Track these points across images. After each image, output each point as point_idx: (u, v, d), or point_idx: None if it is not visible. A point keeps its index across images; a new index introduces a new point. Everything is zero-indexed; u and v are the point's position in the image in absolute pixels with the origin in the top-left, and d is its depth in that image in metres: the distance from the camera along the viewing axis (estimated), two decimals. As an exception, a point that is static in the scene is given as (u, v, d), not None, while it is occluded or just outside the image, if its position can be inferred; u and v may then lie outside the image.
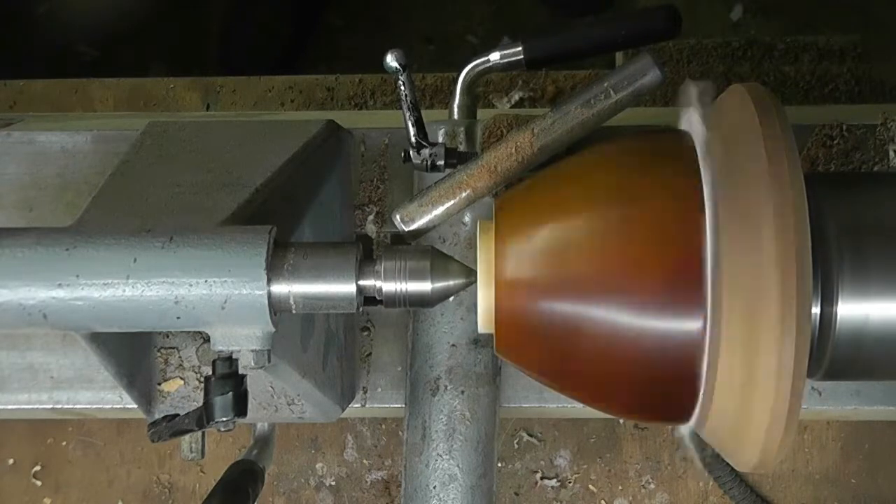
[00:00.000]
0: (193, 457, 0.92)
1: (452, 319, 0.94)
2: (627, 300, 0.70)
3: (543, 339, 0.74)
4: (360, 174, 1.04)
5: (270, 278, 0.68)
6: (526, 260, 0.74)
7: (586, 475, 1.19)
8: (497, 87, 1.31)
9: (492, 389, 0.95)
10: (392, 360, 1.04)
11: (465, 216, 0.93)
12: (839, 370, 0.76)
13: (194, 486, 1.22)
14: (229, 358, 0.72)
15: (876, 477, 1.17)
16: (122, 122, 1.13)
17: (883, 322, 0.72)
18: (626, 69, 0.80)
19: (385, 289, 0.71)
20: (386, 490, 1.20)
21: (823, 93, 1.28)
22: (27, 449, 1.23)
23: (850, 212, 0.75)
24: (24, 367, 1.03)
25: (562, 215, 0.74)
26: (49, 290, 0.67)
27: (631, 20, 0.91)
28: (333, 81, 1.33)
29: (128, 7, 1.98)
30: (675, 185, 0.72)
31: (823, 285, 0.72)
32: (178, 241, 0.68)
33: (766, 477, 1.17)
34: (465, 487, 0.93)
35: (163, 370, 0.88)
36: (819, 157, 1.00)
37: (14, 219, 1.04)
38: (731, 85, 0.76)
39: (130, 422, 1.21)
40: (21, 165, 1.05)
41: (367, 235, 1.03)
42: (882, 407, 1.01)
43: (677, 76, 1.29)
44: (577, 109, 0.80)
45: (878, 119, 1.00)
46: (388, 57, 0.83)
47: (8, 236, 0.69)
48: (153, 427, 0.81)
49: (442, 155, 0.87)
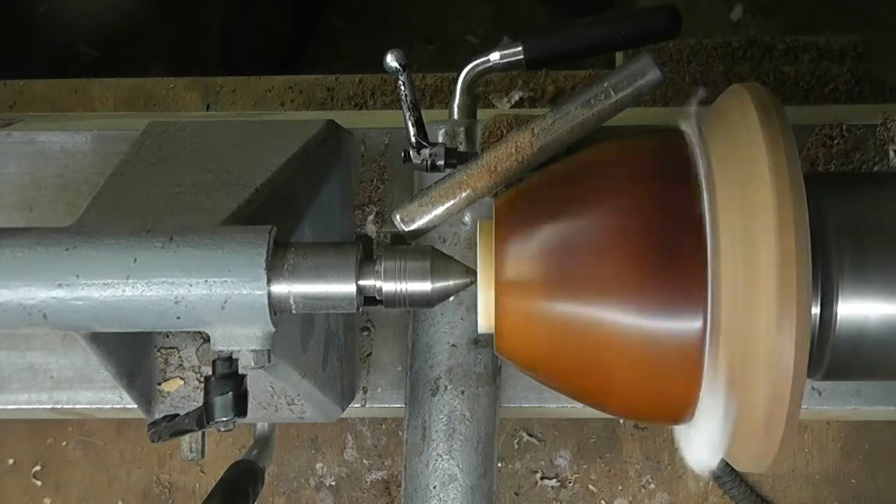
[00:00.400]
0: (193, 457, 0.92)
1: (452, 319, 0.94)
2: (627, 300, 0.70)
3: (543, 338, 0.74)
4: (360, 174, 1.04)
5: (270, 278, 0.68)
6: (526, 260, 0.74)
7: (586, 475, 1.19)
8: (497, 87, 1.31)
9: (492, 389, 0.95)
10: (392, 360, 1.04)
11: (465, 216, 0.93)
12: (839, 370, 0.76)
13: (194, 486, 1.22)
14: (229, 358, 0.72)
15: (876, 477, 1.17)
16: (122, 122, 1.13)
17: (883, 322, 0.72)
18: (626, 69, 0.80)
19: (385, 289, 0.71)
20: (386, 490, 1.20)
21: (823, 93, 1.28)
22: (27, 449, 1.23)
23: (850, 212, 0.75)
24: (24, 367, 1.03)
25: (562, 215, 0.74)
26: (49, 290, 0.67)
27: (631, 20, 0.91)
28: (333, 81, 1.33)
29: (128, 7, 1.98)
30: (675, 185, 0.72)
31: (823, 285, 0.72)
32: (178, 241, 0.68)
33: (766, 477, 1.17)
34: (465, 487, 0.93)
35: (163, 370, 0.88)
36: (819, 157, 1.00)
37: (14, 219, 1.04)
38: (731, 85, 0.76)
39: (130, 422, 1.21)
40: (21, 165, 1.05)
41: (367, 235, 1.03)
42: (882, 407, 1.01)
43: (677, 76, 1.29)
44: (577, 109, 0.80)
45: (878, 119, 1.00)
46: (388, 57, 0.83)
47: (8, 236, 0.69)
48: (153, 427, 0.81)
49: (442, 155, 0.87)
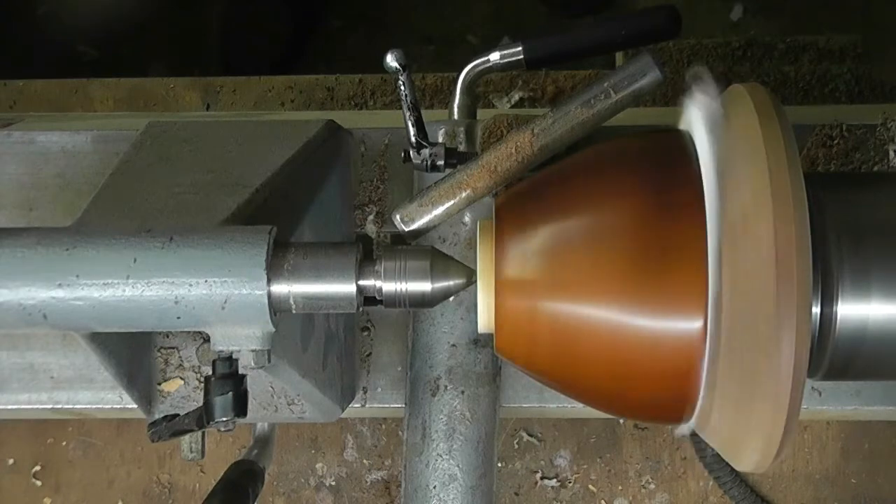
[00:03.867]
0: (193, 457, 0.92)
1: (452, 319, 0.94)
2: (628, 300, 0.70)
3: (543, 338, 0.74)
4: (360, 174, 1.04)
5: (270, 278, 0.68)
6: (526, 260, 0.74)
7: (586, 475, 1.19)
8: (497, 87, 1.31)
9: (492, 389, 0.95)
10: (392, 360, 1.04)
11: (465, 216, 0.93)
12: (839, 370, 0.76)
13: (194, 486, 1.22)
14: (229, 358, 0.72)
15: (876, 477, 1.17)
16: (122, 122, 1.13)
17: (883, 322, 0.72)
18: (626, 69, 0.80)
19: (385, 289, 0.71)
20: (386, 490, 1.20)
21: (823, 93, 1.28)
22: (27, 449, 1.23)
23: (850, 212, 0.75)
24: (24, 367, 1.03)
25: (562, 215, 0.74)
26: (49, 290, 0.67)
27: (631, 20, 0.91)
28: (333, 81, 1.33)
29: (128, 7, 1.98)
30: (675, 184, 0.72)
31: (823, 285, 0.72)
32: (178, 241, 0.68)
33: (766, 477, 1.17)
34: (465, 487, 0.93)
35: (163, 370, 0.88)
36: (819, 157, 1.00)
37: (14, 219, 1.04)
38: (731, 85, 0.76)
39: (130, 422, 1.21)
40: (21, 165, 1.05)
41: (367, 235, 1.03)
42: (882, 407, 1.01)
43: (677, 76, 1.29)
44: (577, 109, 0.80)
45: (878, 119, 1.00)
46: (388, 57, 0.83)
47: (8, 236, 0.69)
48: (153, 427, 0.81)
49: (442, 155, 0.87)
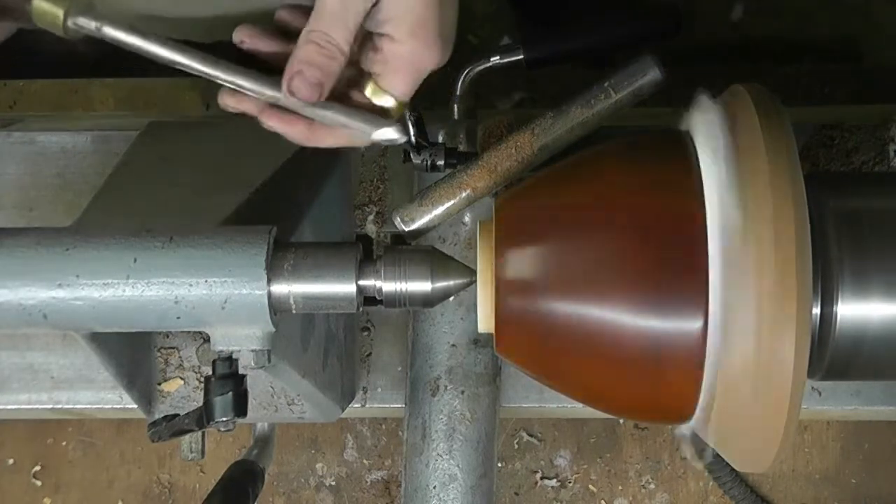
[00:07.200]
0: (193, 457, 0.92)
1: (452, 319, 0.94)
2: (628, 299, 0.70)
3: (543, 338, 0.74)
4: (360, 174, 1.04)
5: (270, 278, 0.68)
6: (526, 260, 0.74)
7: (586, 475, 1.19)
8: (497, 87, 1.31)
9: (492, 389, 0.95)
10: (392, 360, 1.04)
11: (465, 216, 0.93)
12: (839, 370, 0.76)
13: (194, 486, 1.22)
14: (229, 358, 0.72)
15: (876, 477, 1.17)
16: (122, 122, 1.13)
17: (883, 322, 0.72)
18: (626, 69, 0.80)
19: (385, 289, 0.71)
20: (386, 490, 1.20)
21: (823, 93, 1.28)
22: (27, 449, 1.23)
23: (850, 212, 0.75)
24: (24, 367, 1.03)
25: (562, 215, 0.74)
26: (49, 290, 0.67)
27: (632, 20, 0.91)
28: (334, 81, 1.33)
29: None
30: (676, 185, 0.72)
31: (823, 285, 0.72)
32: (178, 241, 0.68)
33: (766, 477, 1.17)
34: (465, 487, 0.93)
35: (163, 370, 0.88)
36: (819, 157, 1.00)
37: (14, 219, 1.04)
38: (731, 85, 0.76)
39: (130, 422, 1.21)
40: (21, 165, 1.05)
41: (367, 235, 1.03)
42: (882, 407, 1.01)
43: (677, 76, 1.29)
44: (577, 109, 0.80)
45: (878, 119, 1.00)
46: (388, 57, 0.82)
47: (8, 236, 0.68)
48: (153, 427, 0.81)
49: (442, 155, 0.87)
